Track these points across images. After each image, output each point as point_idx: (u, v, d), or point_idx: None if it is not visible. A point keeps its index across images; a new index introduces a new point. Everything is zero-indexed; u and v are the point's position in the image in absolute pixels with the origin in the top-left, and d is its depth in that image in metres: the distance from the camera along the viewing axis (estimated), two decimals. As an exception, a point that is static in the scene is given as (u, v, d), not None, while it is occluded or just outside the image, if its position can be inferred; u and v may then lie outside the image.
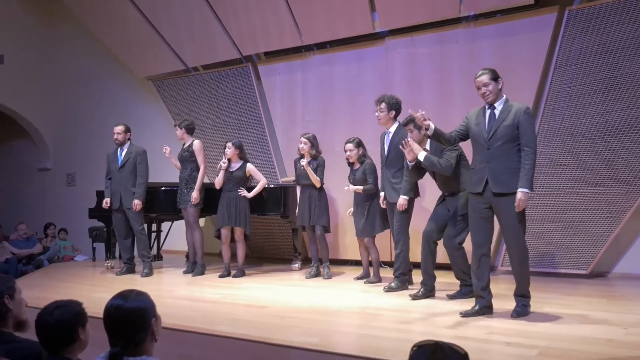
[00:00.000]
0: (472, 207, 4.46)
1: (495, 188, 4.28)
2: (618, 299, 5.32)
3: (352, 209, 6.26)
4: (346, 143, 6.16)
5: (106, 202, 7.06)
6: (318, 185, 6.41)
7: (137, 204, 6.86)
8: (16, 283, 2.84)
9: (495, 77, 4.38)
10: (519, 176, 4.21)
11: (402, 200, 5.38)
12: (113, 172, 7.06)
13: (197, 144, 7.00)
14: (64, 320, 2.33)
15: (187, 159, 6.95)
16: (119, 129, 7.05)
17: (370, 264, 6.25)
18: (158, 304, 2.30)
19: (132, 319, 2.12)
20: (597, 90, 5.94)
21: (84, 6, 9.43)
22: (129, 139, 7.09)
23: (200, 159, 6.95)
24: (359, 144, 6.12)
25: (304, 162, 6.37)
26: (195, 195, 6.83)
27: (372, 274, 6.18)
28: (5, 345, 2.51)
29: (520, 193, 4.19)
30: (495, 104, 4.39)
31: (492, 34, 6.55)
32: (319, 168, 6.43)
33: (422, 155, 4.98)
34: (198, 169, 6.94)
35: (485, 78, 4.38)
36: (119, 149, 7.06)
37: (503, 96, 4.41)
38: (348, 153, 6.12)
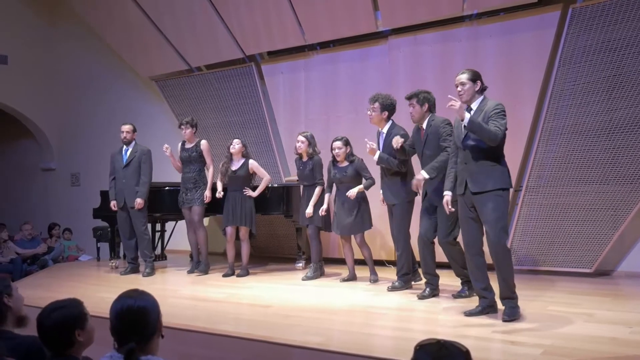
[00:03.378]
0: (460, 207, 4.47)
1: (472, 188, 4.28)
2: (622, 297, 5.30)
3: (324, 207, 6.26)
4: (334, 141, 6.14)
5: (114, 205, 7.04)
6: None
7: (139, 202, 6.88)
8: (10, 281, 2.91)
9: (473, 79, 4.36)
10: (494, 175, 4.20)
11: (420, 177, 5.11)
12: (117, 171, 7.06)
13: (205, 143, 7.03)
14: (60, 323, 2.33)
15: (196, 159, 6.97)
16: (128, 127, 7.07)
17: (359, 262, 6.22)
18: (162, 303, 2.31)
19: (142, 316, 2.16)
20: (601, 88, 5.92)
21: (87, 6, 9.45)
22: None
23: (210, 158, 6.99)
24: (347, 143, 6.12)
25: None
26: (208, 194, 6.86)
27: (369, 272, 6.15)
28: (6, 342, 2.53)
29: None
30: (472, 105, 4.37)
31: (495, 32, 6.54)
32: (316, 169, 6.41)
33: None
34: (206, 169, 6.99)
35: (463, 77, 4.39)
36: (124, 148, 7.07)
37: (480, 97, 4.38)
38: (336, 151, 6.09)
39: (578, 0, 6.14)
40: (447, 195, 4.56)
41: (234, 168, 6.73)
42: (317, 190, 6.38)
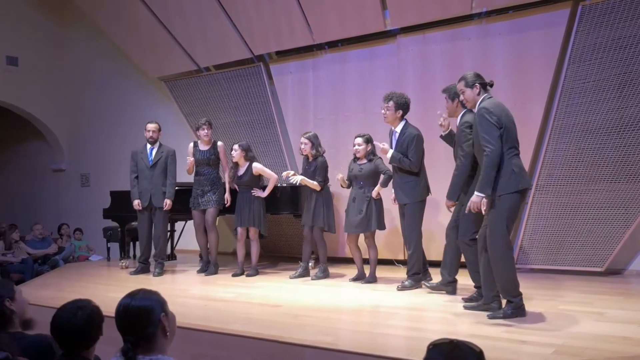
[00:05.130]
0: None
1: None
2: (634, 296, 5.25)
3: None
4: (356, 137, 6.13)
5: (138, 204, 6.92)
6: (318, 189, 6.38)
7: (169, 203, 6.89)
8: (14, 285, 2.96)
9: (467, 85, 4.37)
10: (496, 181, 4.16)
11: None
12: (142, 170, 6.95)
13: (222, 145, 7.05)
14: (89, 322, 2.35)
15: (214, 161, 6.97)
16: (154, 126, 7.01)
17: (366, 262, 6.20)
18: (172, 303, 2.31)
19: (138, 315, 2.15)
20: (612, 85, 5.88)
21: (96, 8, 9.49)
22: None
23: (226, 160, 6.99)
24: (369, 140, 6.09)
25: (298, 178, 6.35)
26: (228, 196, 6.88)
27: (368, 274, 6.13)
28: (16, 343, 2.56)
29: (474, 195, 4.18)
30: (474, 110, 4.40)
31: (504, 30, 6.51)
32: (318, 170, 6.37)
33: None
34: (222, 171, 7.01)
35: (459, 85, 4.43)
36: (148, 147, 6.99)
37: (478, 100, 4.32)
38: (356, 147, 6.07)
39: (588, -3, 6.11)
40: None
41: (239, 174, 6.73)
42: (315, 182, 6.33)
